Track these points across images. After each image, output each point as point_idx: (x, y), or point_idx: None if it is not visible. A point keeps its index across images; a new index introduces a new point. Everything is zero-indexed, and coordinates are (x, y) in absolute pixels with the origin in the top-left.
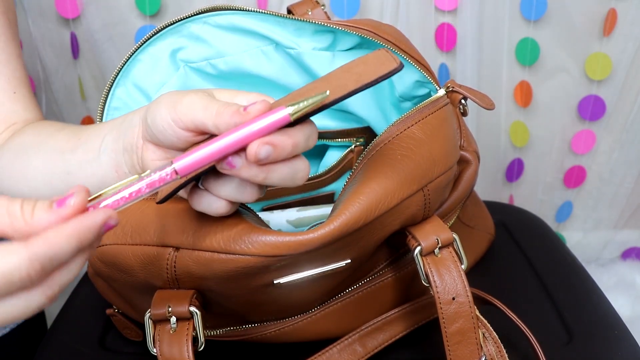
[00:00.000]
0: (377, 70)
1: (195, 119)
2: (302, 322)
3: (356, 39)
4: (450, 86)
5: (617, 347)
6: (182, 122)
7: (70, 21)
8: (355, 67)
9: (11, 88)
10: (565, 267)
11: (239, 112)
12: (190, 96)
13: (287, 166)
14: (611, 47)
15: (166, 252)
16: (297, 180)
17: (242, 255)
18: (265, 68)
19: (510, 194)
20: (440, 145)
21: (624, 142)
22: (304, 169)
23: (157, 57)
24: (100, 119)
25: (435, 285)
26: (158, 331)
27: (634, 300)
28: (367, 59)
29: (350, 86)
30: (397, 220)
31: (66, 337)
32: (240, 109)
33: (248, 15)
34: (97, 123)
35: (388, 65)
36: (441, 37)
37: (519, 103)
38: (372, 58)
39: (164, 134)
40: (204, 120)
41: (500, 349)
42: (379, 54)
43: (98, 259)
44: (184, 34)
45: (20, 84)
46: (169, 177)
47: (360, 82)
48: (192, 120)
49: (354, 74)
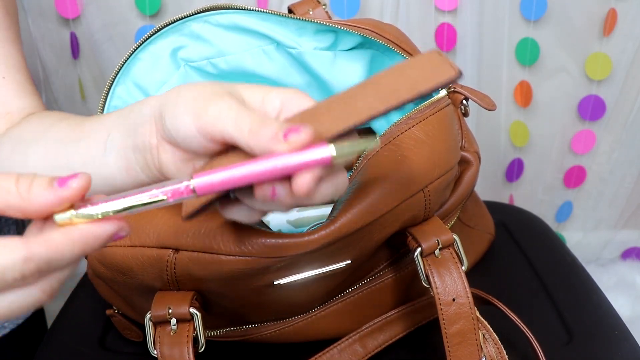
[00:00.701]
0: (433, 76)
1: (224, 133)
2: (302, 322)
3: (358, 38)
4: (452, 86)
5: (617, 347)
6: (209, 134)
7: (70, 21)
8: (409, 69)
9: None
10: (565, 267)
11: (278, 140)
12: (217, 104)
13: (330, 184)
14: (611, 47)
15: (166, 253)
16: (337, 196)
17: (242, 256)
18: (267, 67)
19: (510, 194)
20: (441, 146)
21: (624, 142)
22: (343, 183)
23: (157, 55)
24: None
25: (436, 287)
26: (158, 333)
27: (634, 300)
28: (422, 62)
29: (403, 94)
30: (398, 221)
31: (66, 337)
32: (279, 135)
33: (249, 15)
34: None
35: (445, 71)
36: (441, 37)
37: (519, 103)
38: (427, 61)
39: (186, 143)
40: (235, 137)
41: (500, 350)
42: (433, 57)
43: (97, 261)
44: (184, 32)
45: (12, 69)
46: (184, 194)
47: (415, 89)
48: (222, 134)
49: (408, 78)
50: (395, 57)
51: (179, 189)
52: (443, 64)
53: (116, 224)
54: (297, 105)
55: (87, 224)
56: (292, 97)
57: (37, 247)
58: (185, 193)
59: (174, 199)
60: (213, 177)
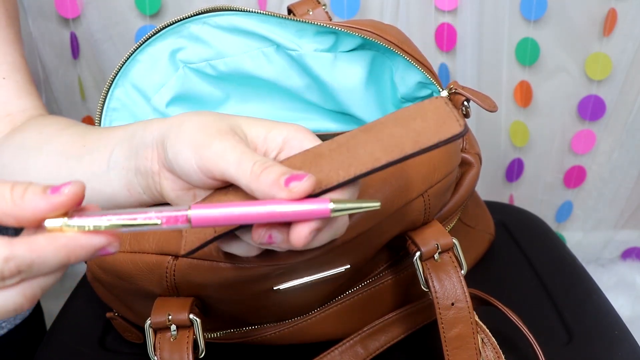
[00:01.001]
0: (438, 131)
1: (225, 174)
2: (302, 324)
3: (358, 40)
4: (453, 88)
5: (617, 347)
6: (210, 172)
7: (70, 21)
8: (412, 121)
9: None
10: (565, 267)
11: (280, 186)
12: (219, 142)
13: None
14: (611, 47)
15: (165, 260)
16: (337, 236)
17: (241, 264)
18: (266, 70)
19: (510, 194)
20: (441, 150)
21: (624, 142)
22: (343, 225)
23: (156, 57)
24: (99, 120)
25: (435, 291)
26: (158, 339)
27: (634, 300)
28: (425, 112)
29: (406, 149)
30: (397, 226)
31: (66, 337)
32: (281, 182)
33: (249, 16)
34: (103, 127)
35: (451, 127)
36: (441, 37)
37: (519, 103)
38: (431, 112)
39: (187, 176)
40: (236, 177)
41: (498, 354)
42: (440, 107)
43: (97, 266)
44: (183, 34)
45: (12, 70)
46: (179, 222)
47: (418, 145)
48: (222, 174)
49: (410, 131)
50: (396, 58)
51: (175, 217)
52: (449, 117)
53: (105, 239)
54: (299, 143)
55: (76, 233)
56: (295, 135)
57: (20, 248)
58: (181, 222)
59: (168, 225)
60: (211, 212)
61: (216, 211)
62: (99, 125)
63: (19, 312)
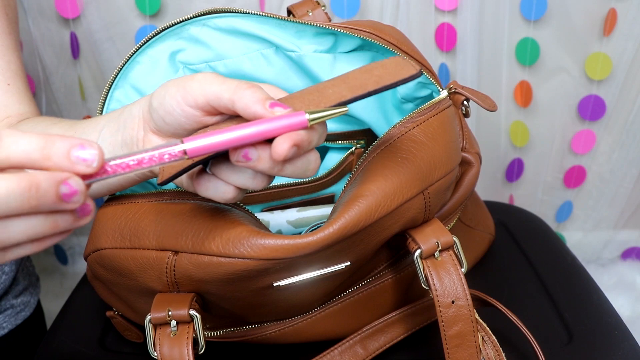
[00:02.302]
0: (396, 73)
1: (207, 93)
2: (302, 322)
3: (357, 41)
4: (453, 88)
5: (617, 347)
6: (192, 98)
7: (70, 21)
8: (375, 69)
9: (5, 80)
10: (565, 267)
11: (264, 105)
12: (203, 73)
13: (302, 160)
14: (611, 47)
15: (165, 256)
16: (309, 172)
17: (241, 258)
18: (265, 71)
19: (510, 194)
20: (442, 148)
21: (624, 142)
22: (315, 161)
23: (156, 59)
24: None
25: (435, 289)
26: (158, 335)
27: (634, 300)
28: (386, 63)
29: (369, 86)
30: (397, 223)
31: (66, 337)
32: (265, 102)
33: (248, 18)
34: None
35: (407, 70)
36: (441, 37)
37: (519, 103)
38: (391, 63)
39: (171, 114)
40: (219, 93)
41: (499, 352)
42: (398, 60)
43: (97, 263)
44: (183, 36)
45: (15, 76)
46: (175, 156)
47: (380, 83)
48: (204, 95)
49: (373, 75)
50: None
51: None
52: (406, 64)
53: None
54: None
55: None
56: (268, 89)
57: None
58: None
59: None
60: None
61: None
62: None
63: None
